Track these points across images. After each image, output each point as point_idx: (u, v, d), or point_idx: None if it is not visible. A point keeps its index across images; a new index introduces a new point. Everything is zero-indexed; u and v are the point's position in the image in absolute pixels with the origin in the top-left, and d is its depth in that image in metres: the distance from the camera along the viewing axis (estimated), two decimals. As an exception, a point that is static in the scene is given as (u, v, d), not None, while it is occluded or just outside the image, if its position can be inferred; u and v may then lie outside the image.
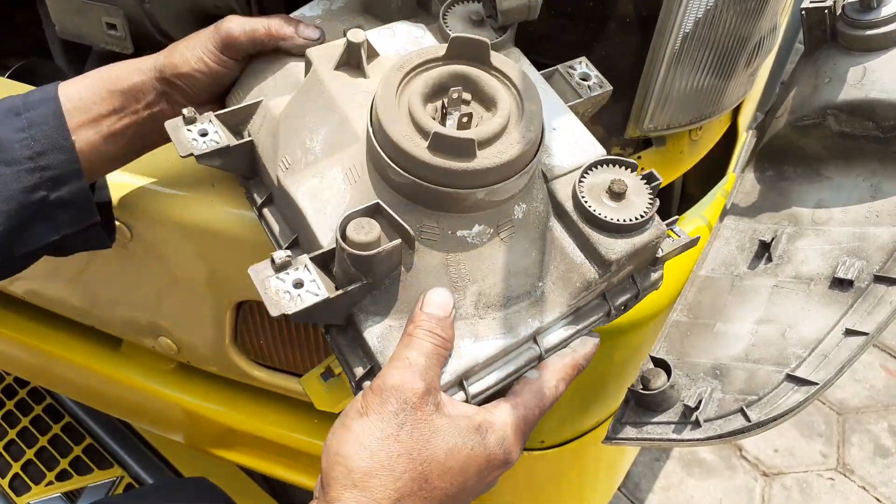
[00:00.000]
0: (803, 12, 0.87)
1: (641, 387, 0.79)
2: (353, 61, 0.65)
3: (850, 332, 0.74)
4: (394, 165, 0.56)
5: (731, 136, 1.09)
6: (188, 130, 0.67)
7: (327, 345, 0.86)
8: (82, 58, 1.09)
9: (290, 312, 0.54)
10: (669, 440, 0.78)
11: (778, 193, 0.92)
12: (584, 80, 0.72)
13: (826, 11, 0.86)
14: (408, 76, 0.59)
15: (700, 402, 0.77)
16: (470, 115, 0.59)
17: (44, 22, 1.07)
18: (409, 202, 0.58)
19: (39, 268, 1.07)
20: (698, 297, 0.89)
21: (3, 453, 1.50)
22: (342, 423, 0.55)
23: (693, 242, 0.65)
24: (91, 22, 0.92)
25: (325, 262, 0.57)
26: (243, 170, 0.72)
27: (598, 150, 0.64)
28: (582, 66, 0.73)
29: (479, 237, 0.58)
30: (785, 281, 0.84)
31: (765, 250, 0.88)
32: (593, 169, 0.61)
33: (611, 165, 0.61)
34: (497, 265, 0.59)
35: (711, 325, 0.85)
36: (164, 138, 0.71)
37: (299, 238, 0.64)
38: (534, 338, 0.61)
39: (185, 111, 0.67)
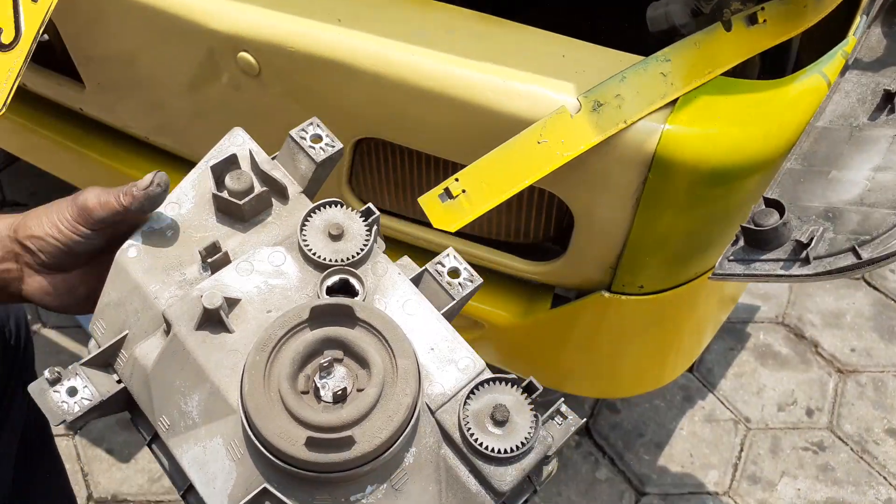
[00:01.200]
0: None
1: (753, 225, 0.81)
2: (214, 320, 0.61)
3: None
4: (274, 459, 0.56)
5: (852, 4, 1.06)
6: (55, 392, 0.63)
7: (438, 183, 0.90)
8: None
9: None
10: (777, 276, 0.81)
11: (905, 48, 0.90)
12: (454, 276, 0.68)
13: None
14: (273, 351, 0.57)
15: (812, 239, 0.79)
16: (344, 389, 0.57)
17: None
18: (297, 480, 0.58)
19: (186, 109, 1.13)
20: (814, 147, 0.89)
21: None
22: None
23: (580, 425, 0.64)
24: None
25: None
26: (123, 409, 0.68)
27: (477, 366, 0.62)
28: (450, 259, 0.68)
29: (374, 495, 0.58)
30: (908, 130, 0.83)
31: (888, 102, 0.87)
32: (475, 393, 0.60)
33: (490, 385, 0.60)
34: None
35: (826, 172, 0.86)
36: (2, 298, 0.73)
37: (194, 496, 0.63)
38: None
39: (46, 373, 0.63)
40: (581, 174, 0.93)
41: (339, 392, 0.56)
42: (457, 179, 0.88)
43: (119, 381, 0.66)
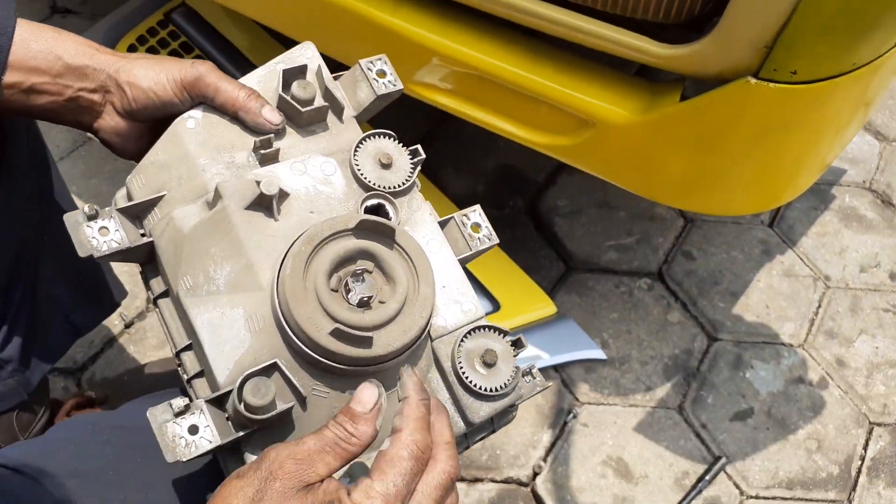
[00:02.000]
0: None
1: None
2: (263, 205, 0.66)
3: None
4: (295, 339, 0.60)
5: None
6: (88, 227, 0.67)
7: None
8: None
9: (184, 459, 0.59)
10: None
11: None
12: (475, 230, 0.75)
13: None
14: (318, 246, 0.62)
15: None
16: (370, 297, 0.62)
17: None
18: (305, 364, 0.62)
19: None
20: None
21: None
22: (227, 479, 0.57)
23: (546, 388, 0.73)
24: None
25: (220, 401, 0.62)
26: (142, 260, 0.72)
27: (478, 312, 0.70)
28: (475, 215, 0.75)
29: None
30: None
31: None
32: (471, 334, 0.68)
33: (486, 331, 0.68)
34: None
35: None
36: (72, 122, 0.75)
37: (195, 354, 0.67)
38: None
39: (85, 207, 0.67)
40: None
41: (366, 299, 0.61)
42: None
43: (143, 235, 0.70)
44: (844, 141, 1.25)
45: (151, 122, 0.75)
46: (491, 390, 0.66)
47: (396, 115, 0.79)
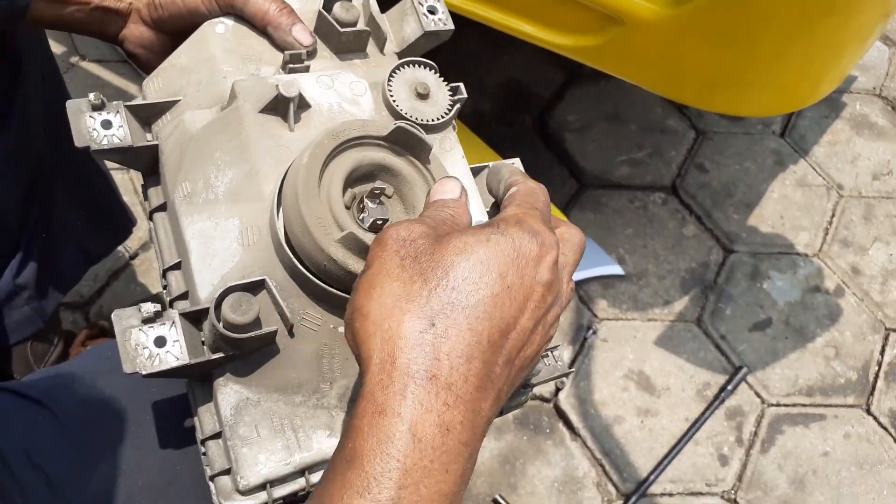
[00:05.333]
0: None
1: None
2: (280, 110, 0.59)
3: None
4: (290, 254, 0.54)
5: None
6: (91, 118, 0.60)
7: None
8: None
9: (144, 373, 0.51)
10: None
11: None
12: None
13: None
14: (342, 146, 0.55)
15: None
16: (385, 221, 0.54)
17: None
18: (297, 287, 0.55)
19: None
20: None
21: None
22: (354, 289, 0.46)
23: (567, 374, 0.66)
24: None
25: (197, 318, 0.55)
26: (144, 167, 0.66)
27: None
28: (516, 164, 0.69)
29: None
30: None
31: None
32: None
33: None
34: None
35: None
36: (98, 32, 0.72)
37: (182, 270, 0.60)
38: None
39: (91, 96, 0.60)
40: None
41: (380, 222, 0.54)
42: None
43: (150, 140, 0.65)
44: (867, 45, 1.21)
45: (178, 33, 0.71)
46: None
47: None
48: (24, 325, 0.95)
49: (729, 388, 1.45)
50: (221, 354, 0.54)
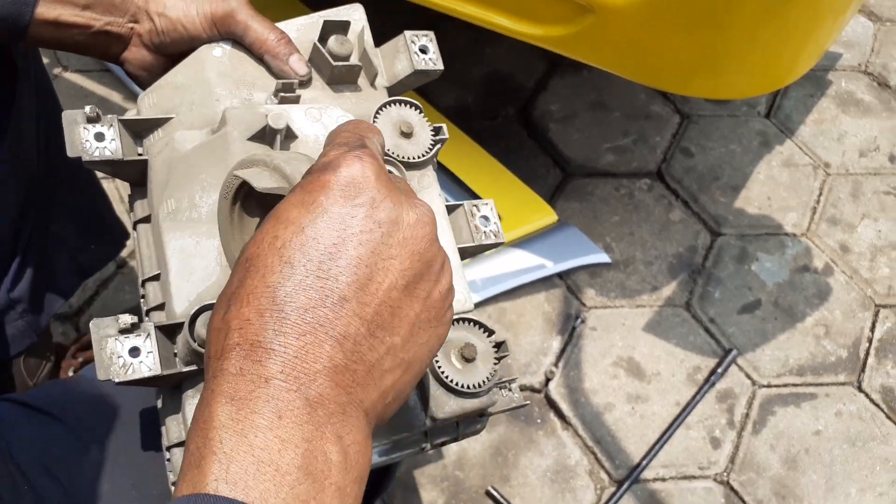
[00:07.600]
0: None
1: None
2: (267, 139, 0.61)
3: None
4: None
5: None
6: (85, 129, 0.63)
7: None
8: None
9: (117, 381, 0.54)
10: None
11: None
12: (483, 224, 0.71)
13: None
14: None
15: None
16: None
17: None
18: None
19: None
20: None
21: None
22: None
23: (522, 406, 0.69)
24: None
25: (172, 331, 0.57)
26: (132, 179, 0.69)
27: (467, 303, 0.65)
28: (487, 208, 0.72)
29: None
30: None
31: None
32: (455, 325, 0.63)
33: (470, 325, 0.63)
34: None
35: None
36: (101, 54, 0.73)
37: (160, 282, 0.62)
38: None
39: (87, 108, 0.63)
40: None
41: None
42: None
43: (141, 155, 0.68)
44: (844, 21, 1.20)
45: (178, 56, 0.72)
46: (463, 386, 0.61)
47: (374, 22, 0.73)
48: (19, 339, 0.96)
49: (719, 371, 1.45)
50: (193, 367, 0.56)
